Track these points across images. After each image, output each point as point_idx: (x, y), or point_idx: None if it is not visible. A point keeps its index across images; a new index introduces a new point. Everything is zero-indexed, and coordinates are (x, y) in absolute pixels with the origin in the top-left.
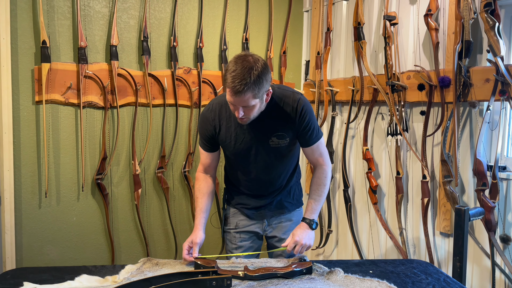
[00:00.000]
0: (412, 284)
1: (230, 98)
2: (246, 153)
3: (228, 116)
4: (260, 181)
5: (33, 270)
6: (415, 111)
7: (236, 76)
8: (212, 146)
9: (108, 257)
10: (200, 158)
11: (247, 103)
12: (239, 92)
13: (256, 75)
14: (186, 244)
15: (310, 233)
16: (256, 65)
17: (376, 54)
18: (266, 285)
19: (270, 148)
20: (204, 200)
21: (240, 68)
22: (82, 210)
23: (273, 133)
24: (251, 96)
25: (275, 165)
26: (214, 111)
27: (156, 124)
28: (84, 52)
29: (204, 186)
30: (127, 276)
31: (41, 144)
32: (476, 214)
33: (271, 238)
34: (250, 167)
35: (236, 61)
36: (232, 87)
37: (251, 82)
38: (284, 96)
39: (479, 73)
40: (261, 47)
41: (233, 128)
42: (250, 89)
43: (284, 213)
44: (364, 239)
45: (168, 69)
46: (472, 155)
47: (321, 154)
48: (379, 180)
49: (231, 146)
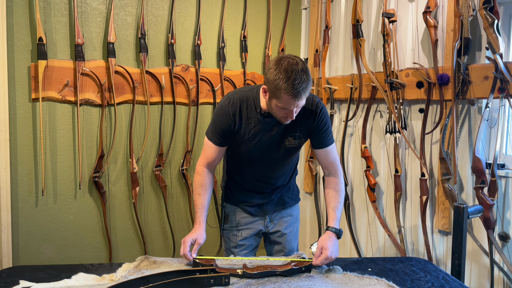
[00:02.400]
0: (411, 282)
1: (288, 104)
2: (261, 151)
3: (248, 113)
4: (267, 178)
5: (29, 268)
6: (414, 108)
7: (295, 80)
8: (224, 140)
9: (105, 256)
10: (205, 152)
11: (303, 103)
12: (300, 95)
13: (307, 73)
14: (188, 241)
15: (337, 243)
16: (301, 63)
17: (374, 52)
18: (264, 283)
19: (286, 147)
20: (206, 197)
21: (293, 72)
22: (79, 209)
23: (290, 133)
24: (307, 95)
25: (284, 163)
26: (234, 105)
27: (154, 122)
28: (81, 49)
29: (206, 181)
30: (125, 274)
31: (37, 142)
32: (475, 212)
33: (272, 234)
34: (260, 165)
35: (285, 67)
36: (294, 93)
37: (307, 82)
38: None
39: (478, 70)
40: (259, 45)
41: (253, 125)
42: (308, 88)
43: (285, 208)
44: (363, 237)
45: (165, 66)
46: (471, 153)
47: (335, 158)
48: (377, 178)
49: (247, 143)
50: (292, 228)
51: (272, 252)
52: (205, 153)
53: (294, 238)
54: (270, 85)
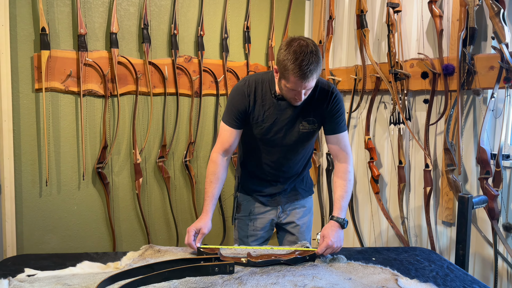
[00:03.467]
0: (415, 271)
1: (295, 85)
2: (275, 134)
3: (263, 95)
4: (280, 165)
5: (34, 257)
6: (418, 99)
7: (303, 61)
8: (240, 122)
9: (109, 246)
10: (220, 137)
11: (311, 85)
12: (308, 77)
13: (317, 55)
14: (192, 230)
15: (341, 233)
16: (312, 45)
17: (379, 42)
18: (269, 272)
19: (299, 132)
20: (217, 186)
21: (302, 54)
22: (83, 199)
23: (304, 117)
24: (315, 78)
25: (298, 150)
26: (250, 86)
27: (157, 113)
28: (84, 40)
29: (220, 171)
30: (129, 262)
31: (41, 132)
32: (479, 202)
33: (285, 224)
34: (274, 150)
35: (294, 49)
36: (301, 74)
37: (316, 64)
38: (320, 82)
39: (483, 60)
40: (263, 36)
41: (267, 107)
42: (317, 70)
43: (298, 199)
44: (366, 229)
45: (168, 57)
46: (476, 143)
47: (346, 146)
48: (381, 169)
49: (262, 125)
50: (305, 220)
51: (284, 243)
52: (221, 138)
53: (308, 231)
54: (280, 66)
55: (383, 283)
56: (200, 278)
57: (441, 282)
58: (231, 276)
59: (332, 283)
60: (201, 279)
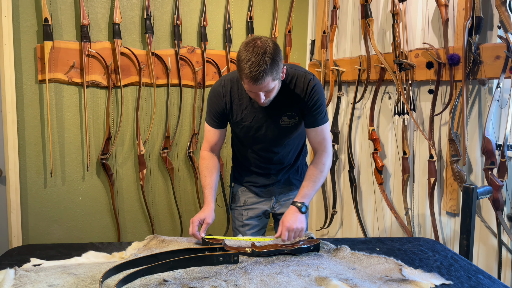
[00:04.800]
0: (419, 261)
1: (249, 87)
2: (256, 131)
3: (239, 94)
4: (269, 159)
5: (40, 246)
6: (423, 90)
7: (252, 64)
8: (221, 122)
9: (114, 237)
10: (206, 137)
11: (268, 88)
12: (259, 80)
13: (270, 58)
14: (196, 221)
15: (300, 216)
16: (268, 47)
17: (383, 32)
18: (273, 261)
19: (281, 127)
20: (213, 177)
21: (253, 55)
22: (87, 190)
23: (284, 112)
24: (270, 80)
25: (285, 143)
26: (225, 87)
27: (160, 104)
28: (86, 30)
29: (211, 164)
30: (134, 252)
31: (45, 123)
32: (484, 193)
33: (280, 215)
34: (259, 146)
35: (247, 48)
36: (251, 77)
37: (268, 66)
38: (296, 76)
39: (489, 50)
40: (266, 26)
41: (245, 106)
42: (269, 73)
43: (292, 189)
44: (369, 220)
45: (171, 48)
46: (481, 134)
47: (324, 139)
48: (385, 160)
49: (242, 124)
50: None
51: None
52: (206, 138)
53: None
54: (237, 66)
55: (387, 273)
56: (205, 268)
57: (445, 272)
58: (235, 266)
59: (336, 272)
60: (205, 269)
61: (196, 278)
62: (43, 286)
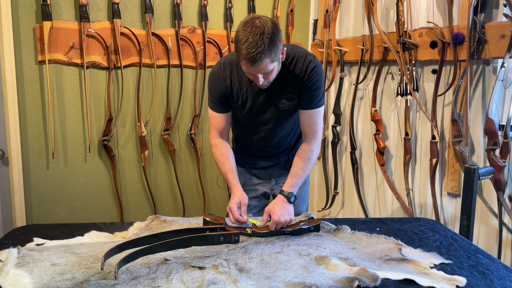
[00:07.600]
0: (419, 241)
1: (247, 69)
2: (257, 114)
3: (239, 77)
4: (269, 142)
5: (42, 226)
6: (426, 70)
7: (249, 45)
8: (225, 106)
9: (117, 217)
10: (212, 124)
11: (266, 70)
12: (256, 61)
13: (269, 39)
14: (234, 206)
15: (289, 207)
16: (266, 27)
17: (387, 11)
18: (273, 241)
19: (280, 110)
20: (230, 161)
21: (251, 35)
22: (89, 171)
23: (283, 95)
24: (268, 62)
25: (284, 126)
26: (225, 70)
27: (161, 85)
28: (85, 10)
29: (224, 150)
30: (136, 232)
31: (46, 104)
32: (485, 173)
33: None
34: (259, 128)
35: (245, 28)
36: (248, 58)
37: (266, 48)
38: (296, 56)
39: (494, 28)
40: (268, 5)
41: (245, 89)
42: (267, 55)
43: None
44: (370, 201)
45: (172, 28)
46: (484, 114)
47: (315, 124)
48: (387, 141)
49: (242, 107)
50: (299, 192)
51: None
52: (213, 125)
53: (302, 202)
54: (235, 47)
55: (386, 253)
56: (206, 247)
57: (445, 252)
58: (236, 246)
59: (336, 252)
60: (206, 248)
61: (197, 258)
62: (46, 265)
